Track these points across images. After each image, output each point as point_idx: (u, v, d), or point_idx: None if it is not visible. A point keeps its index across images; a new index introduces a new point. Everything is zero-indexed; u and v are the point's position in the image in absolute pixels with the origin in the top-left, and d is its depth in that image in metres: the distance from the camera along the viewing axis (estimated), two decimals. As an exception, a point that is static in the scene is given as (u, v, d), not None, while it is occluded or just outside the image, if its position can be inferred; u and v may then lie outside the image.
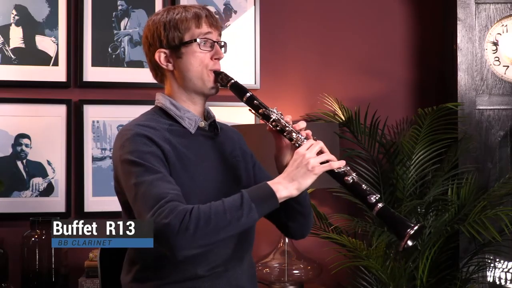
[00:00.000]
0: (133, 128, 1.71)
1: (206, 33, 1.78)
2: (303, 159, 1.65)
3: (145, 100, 2.99)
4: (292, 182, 1.65)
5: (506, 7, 3.10)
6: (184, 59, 1.78)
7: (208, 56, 1.78)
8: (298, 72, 3.20)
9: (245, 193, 1.62)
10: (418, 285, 2.86)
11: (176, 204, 1.57)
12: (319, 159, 1.66)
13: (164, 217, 1.55)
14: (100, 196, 2.94)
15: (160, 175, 1.63)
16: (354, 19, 3.27)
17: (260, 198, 1.62)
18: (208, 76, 1.78)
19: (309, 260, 2.90)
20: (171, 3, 3.03)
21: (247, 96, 1.77)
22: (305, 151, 1.66)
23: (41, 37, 2.91)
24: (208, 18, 1.79)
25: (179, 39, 1.77)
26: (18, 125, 2.88)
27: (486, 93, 3.08)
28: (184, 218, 1.55)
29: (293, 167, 1.65)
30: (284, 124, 1.73)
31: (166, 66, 1.80)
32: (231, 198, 1.62)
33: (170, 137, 1.73)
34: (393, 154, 2.99)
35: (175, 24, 1.77)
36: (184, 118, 1.79)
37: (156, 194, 1.59)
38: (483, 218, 2.72)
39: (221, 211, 1.58)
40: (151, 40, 1.80)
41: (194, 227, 1.54)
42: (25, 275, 2.70)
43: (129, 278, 1.78)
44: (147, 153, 1.66)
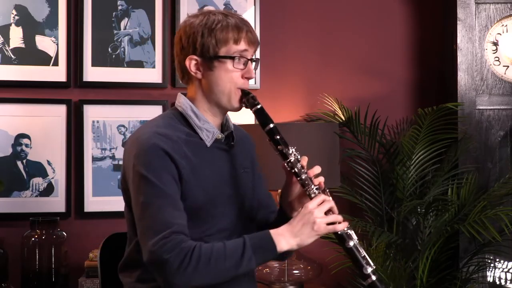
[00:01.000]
0: (151, 137, 1.68)
1: (243, 51, 1.73)
2: (310, 217, 1.64)
3: (145, 100, 2.99)
4: (295, 238, 1.64)
5: (506, 7, 3.10)
6: (215, 72, 1.73)
7: (239, 74, 1.74)
8: (298, 72, 3.20)
9: (247, 241, 1.62)
10: (418, 285, 2.86)
11: (180, 239, 1.58)
12: (326, 219, 1.65)
13: (165, 251, 1.56)
14: (100, 196, 2.94)
15: (169, 199, 1.63)
16: (354, 19, 3.27)
17: (261, 249, 1.62)
18: (235, 94, 1.75)
19: (309, 260, 2.90)
20: (171, 3, 3.02)
21: (270, 127, 1.74)
22: (315, 208, 1.65)
23: (41, 37, 2.91)
24: (247, 34, 1.74)
25: (215, 52, 1.72)
26: (18, 125, 2.88)
27: (486, 93, 3.08)
28: (185, 258, 1.57)
29: (300, 222, 1.65)
30: (299, 169, 1.71)
31: (195, 73, 1.76)
32: (234, 244, 1.62)
33: (186, 151, 1.70)
34: (393, 154, 2.99)
35: (213, 33, 1.71)
36: (203, 129, 1.76)
37: (162, 221, 1.60)
38: (483, 218, 2.72)
39: (222, 257, 1.59)
40: (185, 44, 1.75)
41: (192, 268, 1.56)
42: (25, 275, 2.70)
43: (132, 279, 1.78)
44: (161, 170, 1.64)
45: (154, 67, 3.00)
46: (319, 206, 1.66)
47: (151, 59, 3.00)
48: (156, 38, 3.01)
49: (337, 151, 2.83)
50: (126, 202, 1.78)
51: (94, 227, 2.93)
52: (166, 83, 3.01)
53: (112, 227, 2.49)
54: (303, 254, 2.91)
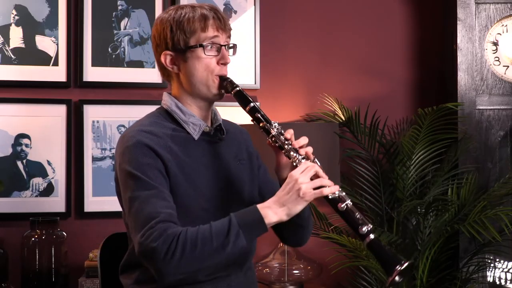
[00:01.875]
0: (135, 135, 1.69)
1: (213, 37, 1.74)
2: (295, 184, 1.61)
3: (145, 100, 2.99)
4: (282, 208, 1.61)
5: (506, 7, 3.10)
6: (189, 63, 1.75)
7: (214, 61, 1.75)
8: (298, 72, 3.20)
9: (233, 218, 1.60)
10: (418, 285, 2.86)
11: (166, 226, 1.57)
12: (311, 184, 1.61)
13: (152, 241, 1.55)
14: (100, 196, 2.94)
15: (155, 191, 1.63)
16: (354, 19, 3.27)
17: (248, 224, 1.60)
18: (213, 81, 1.76)
19: (309, 260, 2.90)
20: (171, 3, 3.03)
21: (250, 106, 1.74)
22: (299, 175, 1.61)
23: (41, 37, 2.91)
24: (215, 20, 1.74)
25: (185, 42, 1.73)
26: (18, 125, 2.88)
27: (486, 93, 3.08)
28: (171, 244, 1.55)
29: (285, 191, 1.62)
30: (282, 141, 1.70)
31: (172, 68, 1.78)
32: (220, 223, 1.60)
33: (172, 146, 1.71)
34: (393, 154, 2.99)
35: (181, 26, 1.73)
36: (189, 123, 1.77)
37: (147, 213, 1.59)
38: (483, 218, 2.72)
39: (208, 238, 1.57)
40: (158, 41, 1.78)
41: (180, 253, 1.55)
42: (25, 275, 2.70)
43: (131, 281, 1.78)
44: (146, 165, 1.65)
45: (154, 67, 3.00)
46: (303, 172, 1.62)
47: (151, 59, 3.00)
48: (156, 38, 3.00)
49: (337, 151, 2.83)
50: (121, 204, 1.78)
51: (94, 227, 2.93)
52: (166, 83, 3.01)
53: (112, 227, 2.50)
54: (303, 254, 2.91)
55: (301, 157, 1.68)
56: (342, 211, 1.64)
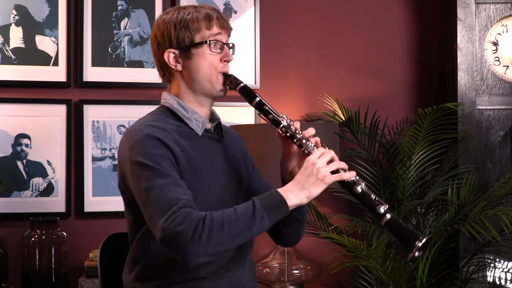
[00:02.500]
0: (143, 129, 1.70)
1: (217, 35, 1.77)
2: (314, 168, 1.64)
3: (145, 100, 2.99)
4: (303, 191, 1.64)
5: (506, 7, 3.10)
6: (193, 60, 1.76)
7: (217, 58, 1.77)
8: (298, 72, 3.20)
9: (256, 201, 1.62)
10: (418, 285, 2.86)
11: (189, 211, 1.57)
12: (330, 168, 1.65)
13: (177, 224, 1.54)
14: (100, 196, 2.94)
15: (171, 179, 1.63)
16: (354, 19, 3.27)
17: (271, 206, 1.62)
18: (217, 78, 1.77)
19: (309, 260, 2.90)
20: (171, 3, 3.02)
21: (256, 100, 1.76)
22: (316, 159, 1.65)
23: (41, 37, 2.91)
24: (219, 19, 1.77)
25: (190, 40, 1.75)
26: (18, 125, 2.88)
27: (486, 93, 3.08)
28: (198, 226, 1.55)
29: (304, 175, 1.65)
30: (294, 131, 1.72)
31: (175, 66, 1.79)
32: (243, 206, 1.61)
33: (179, 139, 1.72)
34: (393, 154, 2.99)
35: (185, 24, 1.75)
36: (192, 119, 1.78)
37: (168, 199, 1.59)
38: (483, 218, 2.72)
39: (234, 220, 1.58)
40: (161, 39, 1.79)
41: (207, 235, 1.55)
42: (25, 275, 2.70)
43: (131, 277, 1.78)
44: (158, 156, 1.65)
45: (154, 67, 2.99)
46: (320, 157, 1.66)
47: (151, 59, 2.99)
48: (156, 38, 3.00)
49: (337, 151, 2.83)
50: (125, 202, 1.78)
51: (94, 227, 2.93)
52: (166, 83, 3.00)
53: (112, 227, 2.50)
54: (303, 254, 2.91)
55: (313, 145, 1.71)
56: (358, 193, 1.67)
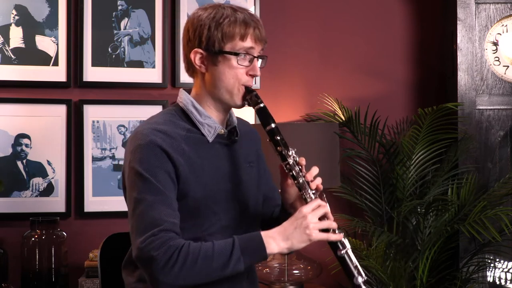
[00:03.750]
0: (149, 134, 1.67)
1: (249, 48, 1.71)
2: (303, 221, 1.61)
3: (145, 100, 2.99)
4: (286, 241, 1.62)
5: (506, 7, 3.10)
6: (219, 67, 1.71)
7: (244, 71, 1.72)
8: (298, 72, 3.20)
9: (236, 242, 1.60)
10: (418, 285, 2.86)
11: (168, 237, 1.57)
12: (319, 225, 1.62)
13: (153, 249, 1.55)
14: (100, 196, 2.94)
15: (162, 197, 1.62)
16: (354, 19, 3.27)
17: (250, 251, 1.60)
18: (239, 91, 1.73)
19: (309, 260, 2.90)
20: (171, 3, 3.02)
21: (271, 126, 1.71)
22: (309, 213, 1.62)
23: (41, 37, 2.91)
24: (255, 30, 1.70)
25: (220, 46, 1.69)
26: (18, 125, 2.88)
27: (486, 93, 3.08)
28: (172, 256, 1.55)
29: (292, 225, 1.62)
30: (297, 172, 1.69)
31: (199, 67, 1.74)
32: (223, 243, 1.60)
33: (185, 147, 1.69)
34: (393, 154, 2.99)
35: (220, 27, 1.68)
36: (204, 124, 1.74)
37: (152, 218, 1.59)
38: (483, 218, 2.72)
39: (210, 257, 1.58)
40: (192, 36, 1.73)
41: (179, 267, 1.55)
42: (25, 275, 2.70)
43: (133, 279, 1.78)
44: (156, 167, 1.63)
45: (154, 67, 3.00)
46: (313, 211, 1.63)
47: (151, 59, 3.00)
48: (156, 38, 3.01)
49: (337, 151, 2.83)
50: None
51: (94, 227, 2.93)
52: (166, 83, 3.01)
53: (112, 227, 2.50)
54: (303, 254, 2.91)
55: (311, 192, 1.68)
56: (340, 257, 1.67)
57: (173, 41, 3.02)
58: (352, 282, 1.65)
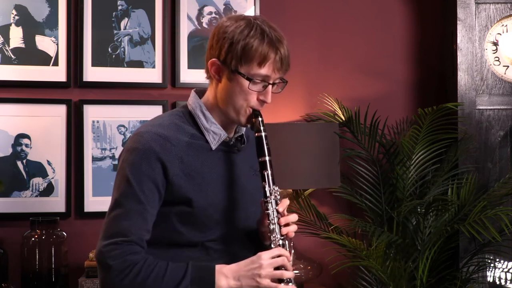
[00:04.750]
0: (149, 140, 1.66)
1: (265, 76, 1.67)
2: (258, 268, 1.63)
3: (145, 100, 2.99)
4: (236, 282, 1.64)
5: (506, 7, 3.10)
6: (232, 84, 1.68)
7: (255, 95, 1.69)
8: (298, 72, 3.20)
9: (189, 269, 1.63)
10: (418, 285, 2.86)
11: (129, 250, 1.60)
12: (272, 275, 1.63)
13: (111, 257, 1.60)
14: (100, 196, 2.93)
15: (140, 207, 1.63)
16: (354, 19, 3.27)
17: (199, 281, 1.63)
18: (245, 112, 1.70)
19: (309, 260, 2.90)
20: (171, 3, 3.02)
21: (264, 159, 1.71)
22: (265, 260, 1.64)
23: (41, 37, 2.91)
24: (276, 61, 1.66)
25: (236, 66, 1.66)
26: (18, 125, 2.88)
27: (486, 93, 3.08)
28: (126, 269, 1.59)
29: (246, 268, 1.64)
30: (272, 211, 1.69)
31: (214, 77, 1.72)
32: (176, 267, 1.63)
33: (183, 156, 1.68)
34: (393, 154, 2.99)
35: (240, 48, 1.65)
36: (210, 131, 1.73)
37: (122, 227, 1.62)
38: (483, 218, 2.72)
39: (159, 278, 1.61)
40: (215, 44, 1.70)
41: (129, 281, 1.59)
42: (25, 275, 2.70)
43: None
44: (145, 176, 1.64)
45: (154, 67, 3.00)
46: (271, 259, 1.64)
47: (151, 59, 3.00)
48: (156, 38, 3.01)
49: (337, 151, 2.83)
50: None
51: (94, 227, 2.92)
52: (166, 83, 3.01)
53: (112, 227, 2.49)
54: (303, 254, 2.91)
55: (279, 238, 1.68)
56: None
57: (173, 41, 3.02)
58: None
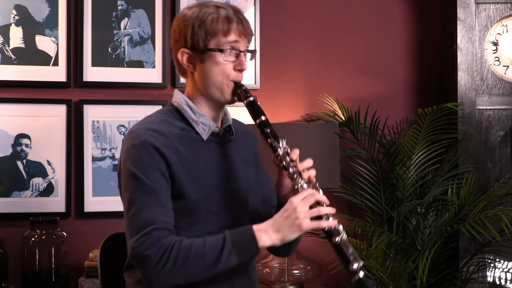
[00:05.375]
0: (143, 134, 1.68)
1: (233, 42, 1.70)
2: (293, 212, 1.60)
3: (145, 100, 2.99)
4: (277, 233, 1.61)
5: (506, 7, 3.10)
6: (206, 65, 1.71)
7: (231, 66, 1.72)
8: (298, 72, 3.20)
9: (228, 236, 1.60)
10: (418, 285, 2.86)
11: (160, 235, 1.58)
12: (309, 214, 1.60)
13: (145, 248, 1.57)
14: (100, 196, 2.94)
15: (154, 196, 1.62)
16: (354, 19, 3.27)
17: (242, 245, 1.60)
18: (228, 87, 1.73)
19: (309, 260, 2.90)
20: (171, 3, 3.02)
21: (261, 119, 1.72)
22: (298, 202, 1.61)
23: (41, 37, 2.91)
24: (238, 25, 1.70)
25: (204, 44, 1.70)
26: (18, 125, 2.88)
27: (486, 93, 3.08)
28: (164, 254, 1.56)
29: (282, 217, 1.61)
30: (288, 162, 1.68)
31: (188, 67, 1.75)
32: (214, 239, 1.60)
33: (178, 146, 1.70)
34: (393, 154, 2.99)
35: (203, 26, 1.69)
36: (198, 122, 1.75)
37: (144, 218, 1.60)
38: (483, 218, 2.72)
39: (201, 253, 1.58)
40: (178, 37, 1.74)
41: (171, 264, 1.56)
42: (25, 275, 2.70)
43: (133, 280, 1.78)
44: (149, 167, 1.64)
45: (154, 67, 3.01)
46: (303, 200, 1.61)
47: (151, 59, 3.00)
48: (156, 38, 3.01)
49: (337, 151, 2.83)
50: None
51: (94, 227, 2.93)
52: (166, 83, 3.01)
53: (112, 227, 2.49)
54: (303, 254, 2.91)
55: (303, 181, 1.66)
56: (334, 244, 1.63)
57: (173, 41, 3.02)
58: (348, 270, 1.61)
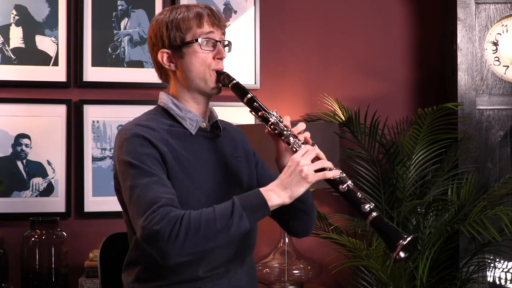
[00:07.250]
0: (132, 128, 1.72)
1: (208, 33, 1.77)
2: (297, 167, 1.63)
3: (145, 100, 2.99)
4: (285, 190, 1.63)
5: (506, 7, 3.10)
6: (186, 59, 1.78)
7: (210, 56, 1.78)
8: (298, 72, 3.20)
9: (236, 200, 1.61)
10: (418, 285, 2.86)
11: (168, 210, 1.58)
12: (313, 166, 1.63)
13: (155, 223, 1.56)
14: (100, 196, 2.94)
15: (155, 178, 1.64)
16: (354, 19, 3.27)
17: (251, 207, 1.61)
18: (210, 76, 1.78)
19: (309, 260, 2.90)
20: (171, 3, 3.03)
21: (247, 97, 1.76)
22: (300, 158, 1.64)
23: (41, 37, 2.91)
24: (210, 17, 1.78)
25: (181, 39, 1.77)
26: (18, 125, 2.88)
27: (486, 93, 3.08)
28: (175, 226, 1.56)
29: (287, 174, 1.64)
30: (282, 128, 1.72)
31: (169, 66, 1.81)
32: (223, 206, 1.61)
33: (168, 139, 1.73)
34: (393, 154, 2.99)
35: (177, 24, 1.77)
36: (186, 118, 1.79)
37: (149, 198, 1.60)
38: (483, 218, 2.72)
39: (212, 219, 1.58)
40: (154, 40, 1.81)
41: (184, 235, 1.55)
42: (25, 275, 2.70)
43: (131, 279, 1.78)
44: (144, 155, 1.67)
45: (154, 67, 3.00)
46: (304, 155, 1.64)
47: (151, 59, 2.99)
48: (156, 38, 3.00)
49: (337, 151, 2.83)
50: (121, 202, 1.78)
51: (94, 227, 2.93)
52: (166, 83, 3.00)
53: (112, 227, 2.50)
54: (303, 254, 2.91)
55: (300, 142, 1.70)
56: (343, 192, 1.65)
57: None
58: (361, 212, 1.63)
